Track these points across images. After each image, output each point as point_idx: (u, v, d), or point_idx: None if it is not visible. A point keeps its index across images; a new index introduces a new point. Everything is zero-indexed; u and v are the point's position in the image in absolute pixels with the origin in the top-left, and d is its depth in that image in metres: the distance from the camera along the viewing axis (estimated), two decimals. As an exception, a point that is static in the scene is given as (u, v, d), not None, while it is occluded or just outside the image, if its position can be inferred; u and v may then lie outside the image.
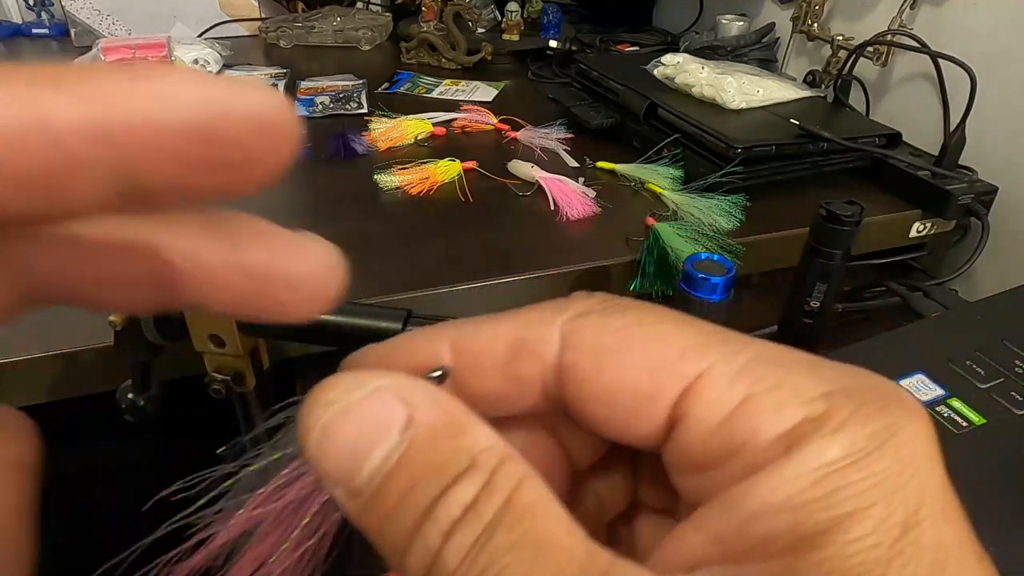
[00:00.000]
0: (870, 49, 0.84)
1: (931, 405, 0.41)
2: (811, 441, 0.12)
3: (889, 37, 0.81)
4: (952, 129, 0.73)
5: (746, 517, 0.12)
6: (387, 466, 0.12)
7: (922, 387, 0.42)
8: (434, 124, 0.85)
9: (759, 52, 1.00)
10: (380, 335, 0.39)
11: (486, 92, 1.02)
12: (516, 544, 0.11)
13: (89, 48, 0.97)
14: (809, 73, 0.93)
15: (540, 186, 0.71)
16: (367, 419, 0.12)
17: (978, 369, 0.43)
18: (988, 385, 0.42)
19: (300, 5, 1.29)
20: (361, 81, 1.02)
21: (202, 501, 0.18)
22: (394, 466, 0.12)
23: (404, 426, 0.12)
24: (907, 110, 0.84)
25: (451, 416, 0.13)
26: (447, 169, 0.74)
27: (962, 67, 0.70)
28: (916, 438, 0.12)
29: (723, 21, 1.04)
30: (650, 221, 0.65)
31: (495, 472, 0.12)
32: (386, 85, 1.04)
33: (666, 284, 0.61)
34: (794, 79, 0.92)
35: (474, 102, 0.95)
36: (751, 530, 0.12)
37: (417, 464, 0.12)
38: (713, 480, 0.13)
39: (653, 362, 0.13)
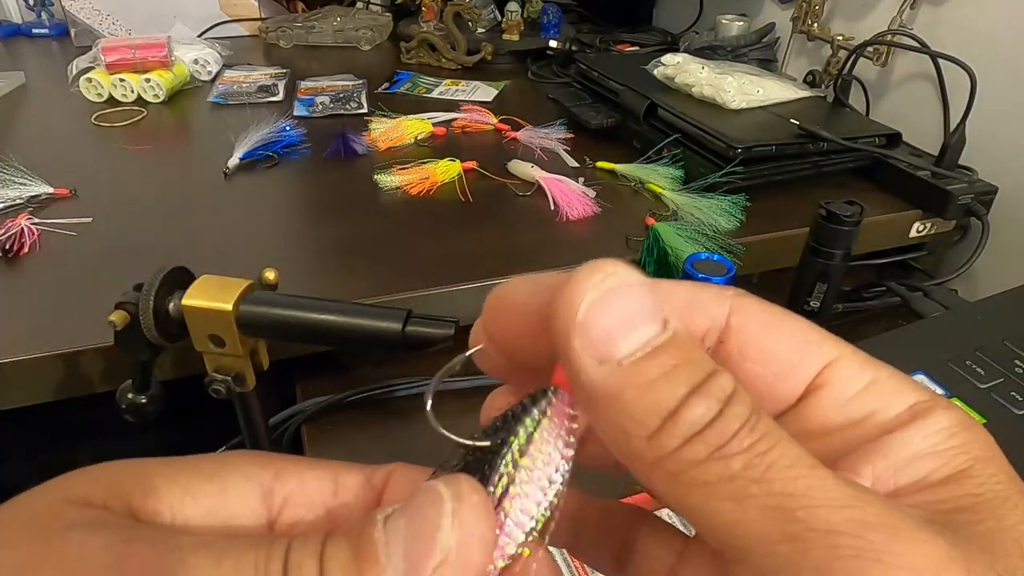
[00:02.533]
0: (870, 49, 0.84)
1: (931, 405, 0.41)
2: (934, 412, 0.15)
3: (889, 37, 0.81)
4: (952, 129, 0.73)
5: (903, 460, 0.15)
6: (653, 343, 0.13)
7: (922, 387, 0.42)
8: (434, 124, 0.85)
9: (759, 52, 1.00)
10: (380, 335, 0.39)
11: (486, 92, 1.02)
12: (777, 428, 0.13)
13: (89, 48, 0.97)
14: (809, 73, 0.93)
15: (540, 186, 0.71)
16: (636, 302, 0.14)
17: (978, 369, 0.43)
18: (988, 385, 0.42)
19: (300, 5, 1.29)
20: (361, 81, 1.02)
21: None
22: (661, 345, 0.13)
23: (662, 321, 0.14)
24: (907, 110, 0.84)
25: (690, 330, 0.14)
26: (447, 169, 0.74)
27: (962, 67, 0.70)
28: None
29: (723, 21, 1.04)
30: (650, 221, 0.65)
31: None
32: (386, 85, 1.04)
33: (666, 284, 0.61)
34: (794, 79, 0.92)
35: (474, 102, 0.95)
36: (909, 469, 0.15)
37: (679, 351, 0.14)
38: (842, 439, 0.16)
39: (803, 339, 0.16)
